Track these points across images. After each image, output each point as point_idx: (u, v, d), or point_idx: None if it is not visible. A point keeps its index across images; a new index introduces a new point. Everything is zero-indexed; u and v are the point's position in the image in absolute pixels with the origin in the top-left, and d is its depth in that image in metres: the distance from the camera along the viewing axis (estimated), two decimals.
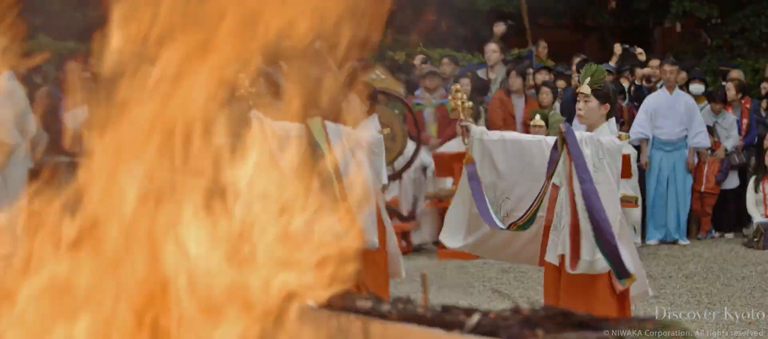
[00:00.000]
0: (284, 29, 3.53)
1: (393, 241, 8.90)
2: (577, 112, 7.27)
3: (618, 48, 15.55)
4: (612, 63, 15.34)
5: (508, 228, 7.14)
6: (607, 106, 7.17)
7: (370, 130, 8.73)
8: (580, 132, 7.15)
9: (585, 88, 7.17)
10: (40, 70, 12.61)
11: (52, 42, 14.55)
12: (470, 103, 7.38)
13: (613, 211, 7.00)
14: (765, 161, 13.89)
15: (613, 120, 7.35)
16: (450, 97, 7.35)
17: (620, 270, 6.84)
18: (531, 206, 7.08)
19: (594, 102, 7.16)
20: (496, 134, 7.23)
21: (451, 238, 7.51)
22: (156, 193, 3.42)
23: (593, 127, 7.19)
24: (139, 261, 3.38)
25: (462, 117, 7.24)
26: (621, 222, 7.16)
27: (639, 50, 15.17)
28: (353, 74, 8.96)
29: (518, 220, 7.13)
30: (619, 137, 7.37)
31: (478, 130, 7.20)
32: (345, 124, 8.89)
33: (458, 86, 7.53)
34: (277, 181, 3.45)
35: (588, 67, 7.37)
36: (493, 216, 7.13)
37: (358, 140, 8.62)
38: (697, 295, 10.40)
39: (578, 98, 7.25)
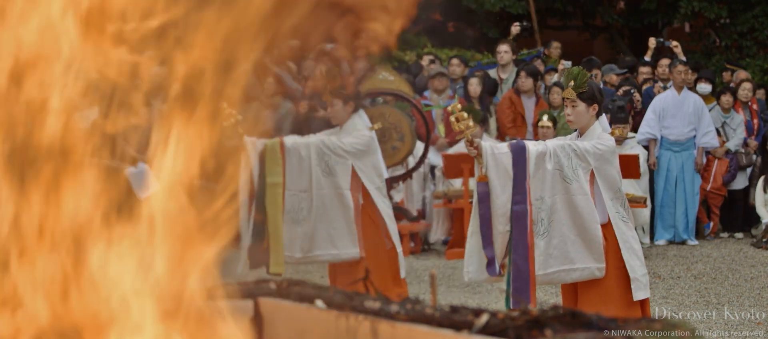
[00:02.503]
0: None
1: (397, 239, 8.89)
2: (566, 117, 7.24)
3: (652, 42, 15.50)
4: (647, 57, 15.32)
5: (499, 274, 7.11)
6: (596, 106, 7.14)
7: (359, 130, 8.74)
8: (544, 144, 7.12)
9: (570, 93, 7.12)
10: None
11: None
12: (472, 123, 7.29)
13: (589, 219, 7.00)
14: None
15: (603, 117, 7.33)
16: (452, 120, 7.25)
17: (515, 298, 6.91)
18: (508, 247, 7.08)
19: (581, 105, 7.12)
20: (504, 146, 7.18)
21: (477, 272, 7.24)
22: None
23: (585, 129, 7.16)
24: None
25: (469, 137, 7.14)
26: (624, 224, 7.14)
27: (674, 43, 15.12)
28: (332, 78, 8.97)
29: (503, 260, 7.10)
30: (612, 133, 7.32)
31: (488, 145, 7.12)
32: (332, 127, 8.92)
33: (458, 105, 7.39)
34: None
35: (569, 72, 7.30)
36: (496, 260, 7.08)
37: (338, 149, 8.64)
38: (706, 295, 10.40)
39: (565, 104, 7.22)
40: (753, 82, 15.07)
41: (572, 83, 7.12)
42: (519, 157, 6.95)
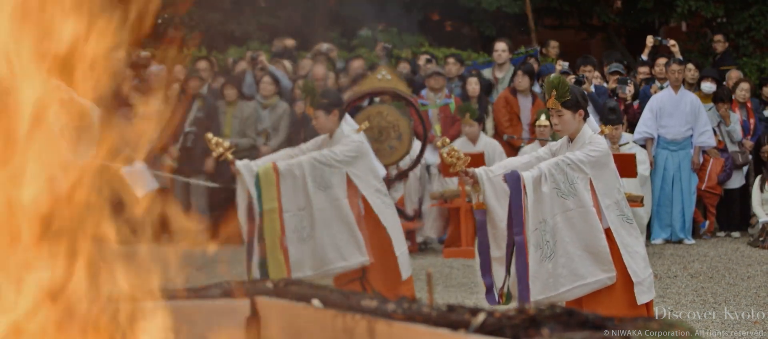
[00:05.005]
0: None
1: (398, 240, 8.90)
2: (554, 126, 7.21)
3: (650, 40, 15.46)
4: (644, 56, 15.30)
5: (498, 300, 7.10)
6: (581, 111, 7.11)
7: (347, 135, 8.74)
8: (538, 167, 7.06)
9: (553, 104, 7.10)
10: None
11: None
12: (463, 154, 7.29)
13: (592, 232, 6.98)
14: (765, 159, 13.94)
15: (591, 118, 7.30)
16: (444, 154, 7.25)
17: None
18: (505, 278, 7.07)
19: (567, 114, 7.09)
20: (498, 169, 7.16)
21: (490, 296, 7.27)
22: None
23: (574, 135, 7.14)
24: None
25: (463, 168, 7.12)
26: (624, 227, 7.12)
27: (672, 42, 15.08)
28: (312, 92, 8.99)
29: (501, 287, 7.09)
30: (601, 131, 7.30)
31: (482, 172, 7.10)
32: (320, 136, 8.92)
33: (447, 140, 7.40)
34: None
35: (549, 82, 7.22)
36: (495, 288, 7.08)
37: (331, 160, 8.64)
38: (703, 294, 10.40)
39: (551, 114, 7.19)
40: (751, 83, 15.07)
41: (554, 93, 7.07)
42: (515, 188, 6.91)
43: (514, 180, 6.91)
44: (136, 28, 3.49)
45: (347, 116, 9.00)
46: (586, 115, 7.18)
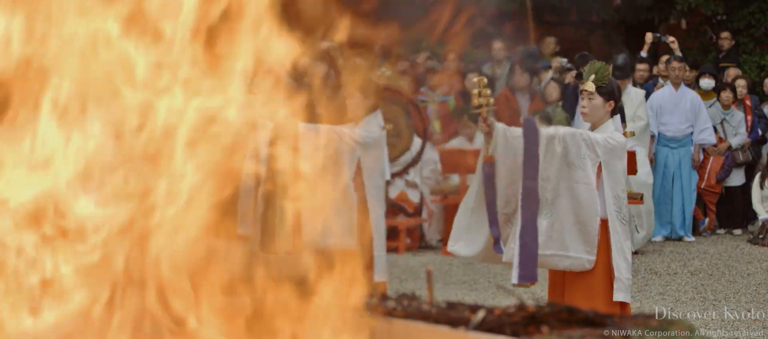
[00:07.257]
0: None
1: (379, 242, 8.87)
2: (581, 109, 7.26)
3: (649, 36, 15.43)
4: (643, 52, 15.27)
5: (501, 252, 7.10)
6: (612, 103, 7.17)
7: (372, 127, 8.74)
8: (554, 128, 7.15)
9: (589, 86, 7.15)
10: None
11: None
12: (492, 100, 7.31)
13: (589, 211, 7.00)
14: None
15: (618, 117, 7.33)
16: (475, 92, 7.25)
17: (522, 272, 6.89)
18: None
19: (598, 100, 7.14)
20: (517, 131, 7.17)
21: (466, 248, 7.26)
22: None
23: (597, 124, 7.18)
24: None
25: (485, 113, 7.13)
26: (621, 224, 7.13)
27: (671, 39, 15.04)
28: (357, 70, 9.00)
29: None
30: (625, 134, 7.35)
31: (500, 126, 7.12)
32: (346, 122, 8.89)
33: (484, 79, 7.38)
34: None
35: (592, 64, 7.32)
36: (501, 240, 7.07)
37: (348, 138, 8.62)
38: (702, 291, 10.40)
39: (582, 96, 7.24)
40: (748, 80, 15.08)
41: (593, 76, 7.15)
42: (531, 133, 6.95)
43: (532, 127, 6.96)
44: None
45: (379, 113, 8.96)
46: (615, 111, 7.22)
